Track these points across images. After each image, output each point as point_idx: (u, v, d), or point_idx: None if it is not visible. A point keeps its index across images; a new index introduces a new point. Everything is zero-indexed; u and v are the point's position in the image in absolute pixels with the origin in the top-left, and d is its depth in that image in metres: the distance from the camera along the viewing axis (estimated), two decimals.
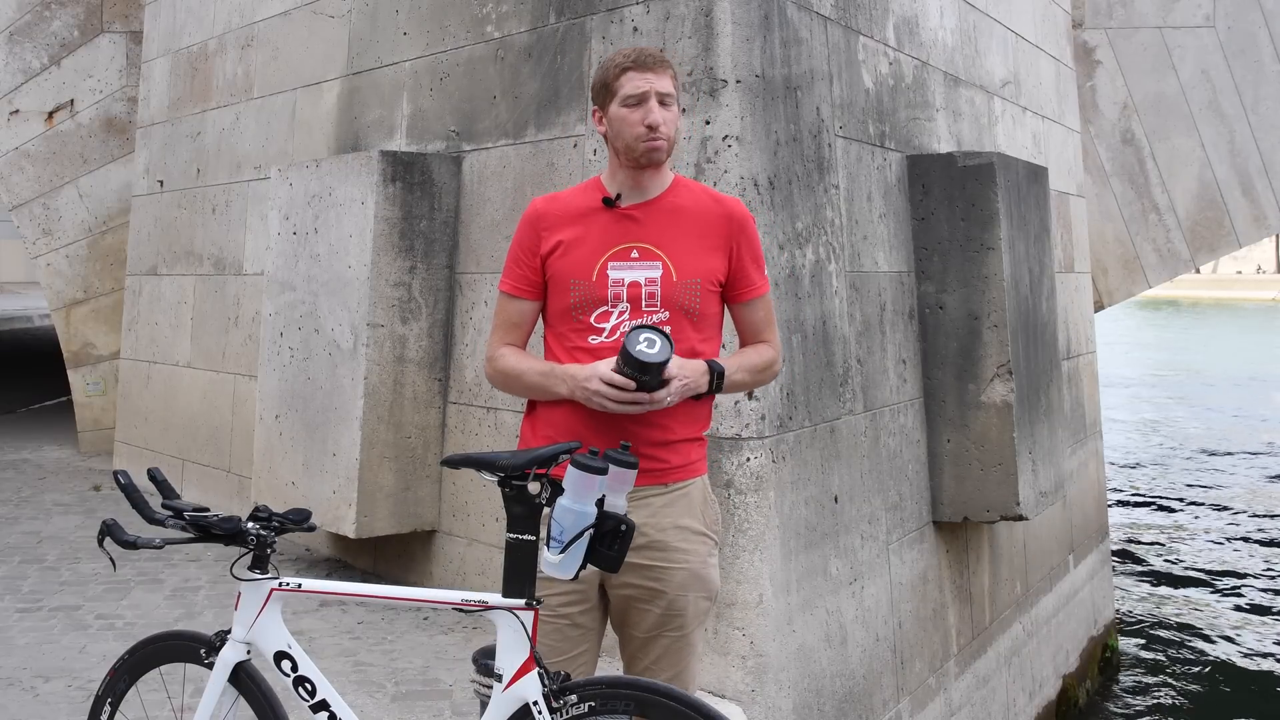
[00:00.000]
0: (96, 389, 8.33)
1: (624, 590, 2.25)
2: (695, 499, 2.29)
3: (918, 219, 4.81)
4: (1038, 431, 4.90)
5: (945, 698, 4.70)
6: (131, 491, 2.17)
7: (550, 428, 2.26)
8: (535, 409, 2.34)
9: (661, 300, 2.22)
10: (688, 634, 2.28)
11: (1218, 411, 19.17)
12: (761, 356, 2.36)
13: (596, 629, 2.31)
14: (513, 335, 2.35)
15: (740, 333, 2.40)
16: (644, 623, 2.27)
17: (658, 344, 2.07)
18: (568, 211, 2.31)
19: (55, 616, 4.43)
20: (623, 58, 2.26)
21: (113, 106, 8.28)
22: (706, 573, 2.29)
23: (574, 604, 2.22)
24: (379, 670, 3.87)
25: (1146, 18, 7.96)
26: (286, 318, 5.00)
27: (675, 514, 2.25)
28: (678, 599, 2.24)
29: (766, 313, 2.39)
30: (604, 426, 2.18)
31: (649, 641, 2.28)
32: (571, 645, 2.23)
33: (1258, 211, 8.01)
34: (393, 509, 4.60)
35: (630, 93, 2.23)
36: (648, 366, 2.06)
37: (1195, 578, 9.47)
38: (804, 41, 4.09)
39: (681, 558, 2.25)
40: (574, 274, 2.24)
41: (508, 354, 2.33)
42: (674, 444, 2.24)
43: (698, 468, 2.32)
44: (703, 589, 2.28)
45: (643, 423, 2.20)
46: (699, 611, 2.29)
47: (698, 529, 2.28)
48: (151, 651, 2.35)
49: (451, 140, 4.82)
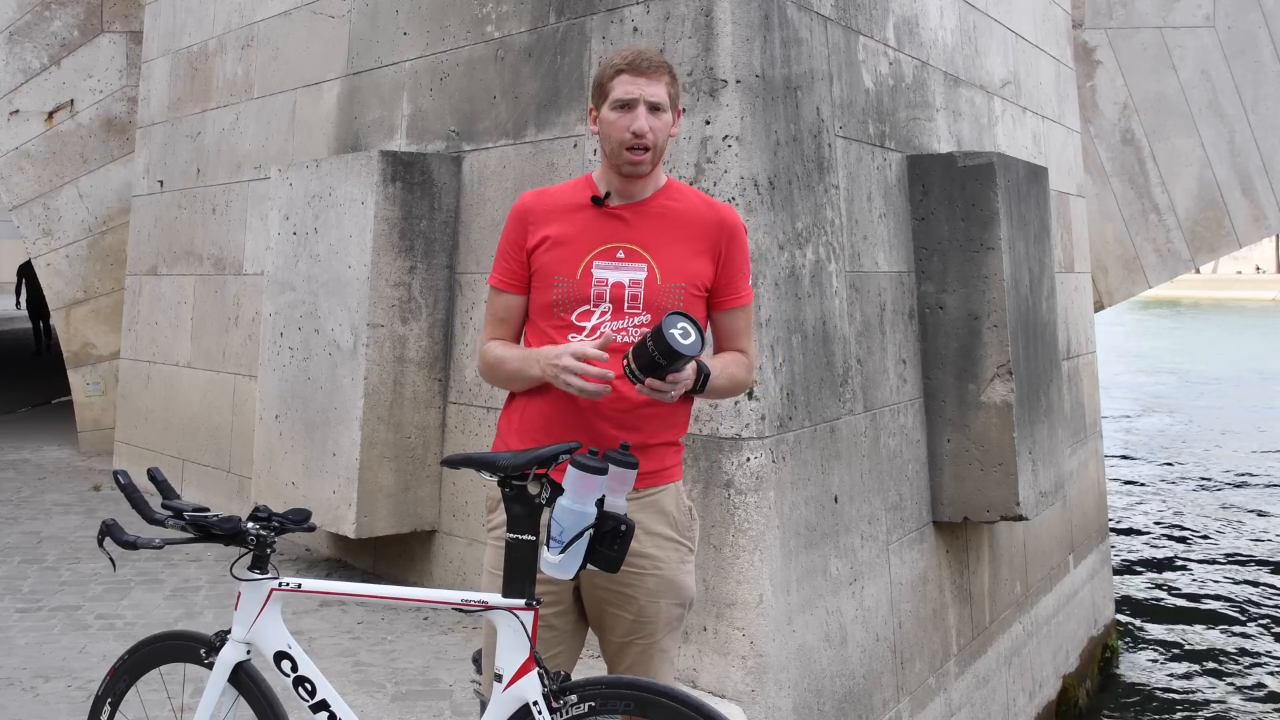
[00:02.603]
0: (96, 389, 8.33)
1: (598, 593, 2.24)
2: (668, 505, 2.26)
3: (918, 219, 4.81)
4: (1038, 431, 4.91)
5: (945, 698, 4.70)
6: (131, 491, 2.17)
7: (525, 423, 2.24)
8: (511, 403, 2.32)
9: (644, 303, 2.19)
10: (658, 640, 2.27)
11: (1217, 411, 19.18)
12: (741, 366, 2.33)
13: (571, 631, 2.29)
14: (501, 330, 2.34)
15: (717, 339, 2.36)
16: (618, 627, 2.25)
17: (692, 336, 2.01)
18: (556, 207, 2.29)
19: (55, 616, 4.43)
20: (620, 59, 2.24)
21: (113, 106, 8.28)
22: (679, 579, 2.26)
23: (548, 605, 2.19)
24: (379, 670, 3.87)
25: (1146, 18, 7.96)
26: (286, 318, 5.00)
27: (647, 520, 2.21)
28: (648, 605, 2.22)
29: (747, 323, 2.36)
30: (578, 426, 2.16)
31: (623, 648, 2.27)
32: (545, 647, 2.20)
33: (1258, 211, 8.02)
34: (393, 509, 4.60)
35: (620, 97, 2.21)
36: (676, 356, 1.99)
37: (1195, 577, 9.47)
38: (804, 41, 4.09)
39: (652, 564, 2.22)
40: (558, 270, 2.22)
41: (493, 345, 2.32)
42: (647, 449, 2.20)
43: (671, 474, 2.29)
44: (675, 595, 2.26)
45: (617, 425, 2.17)
46: (671, 618, 2.27)
47: (669, 535, 2.26)
48: (151, 651, 2.35)
49: (451, 140, 4.82)
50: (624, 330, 2.18)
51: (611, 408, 2.16)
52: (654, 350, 2.00)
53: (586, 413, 2.16)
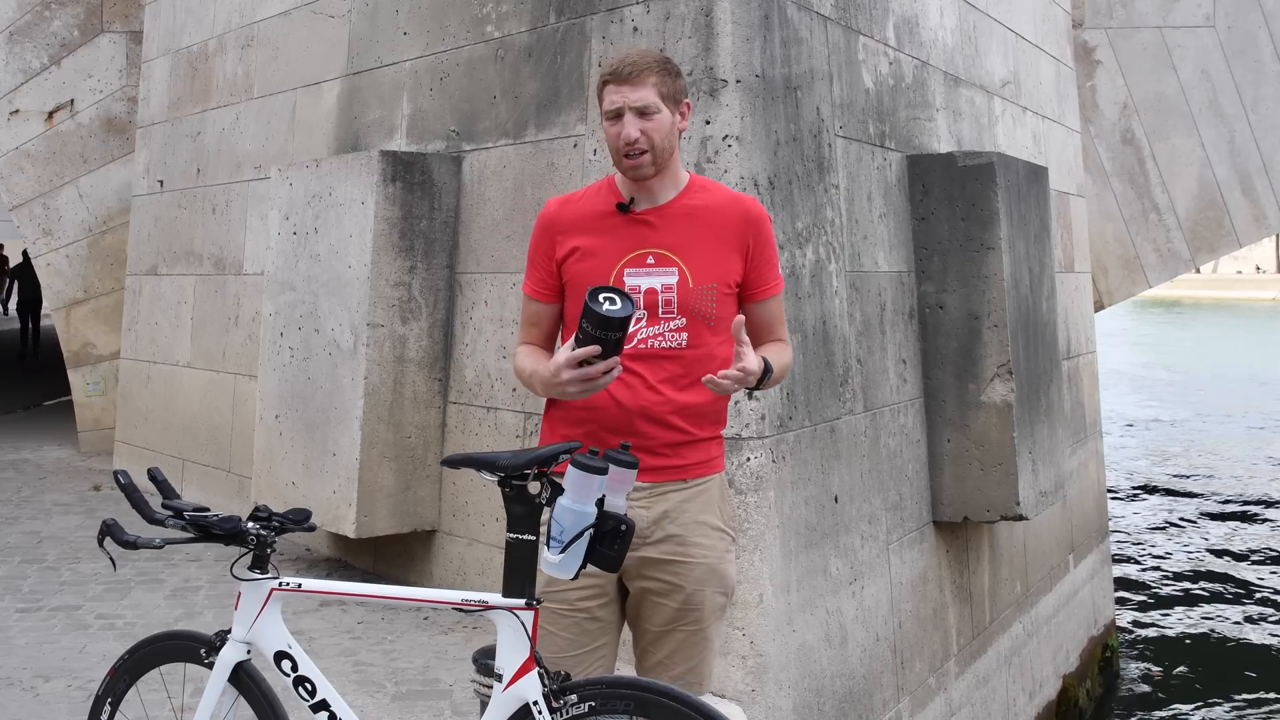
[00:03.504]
0: (96, 389, 8.33)
1: (642, 583, 2.25)
2: (714, 495, 2.30)
3: (918, 219, 4.81)
4: (1038, 431, 4.91)
5: (945, 698, 4.70)
6: (131, 491, 2.17)
7: (567, 426, 2.26)
8: (551, 409, 2.34)
9: (679, 307, 2.21)
10: (704, 628, 2.29)
11: (1218, 409, 19.17)
12: (786, 355, 2.38)
13: (615, 623, 2.31)
14: (532, 334, 2.39)
15: (754, 330, 2.35)
16: (658, 617, 2.27)
17: (619, 301, 2.03)
18: (582, 216, 2.31)
19: (55, 616, 4.43)
20: (607, 68, 2.25)
21: (113, 106, 8.28)
22: (724, 568, 2.29)
23: (593, 598, 2.22)
24: (379, 670, 3.87)
25: (1146, 18, 7.96)
26: (286, 318, 5.00)
27: (695, 509, 2.25)
28: (695, 593, 2.24)
29: (780, 310, 2.40)
30: (621, 426, 2.18)
31: (663, 635, 2.28)
32: (590, 639, 2.24)
33: (1258, 211, 8.01)
34: (393, 509, 4.60)
35: (608, 109, 2.23)
36: (611, 322, 2.01)
37: (1195, 577, 9.47)
38: (804, 41, 4.09)
39: (700, 553, 2.25)
40: (591, 280, 2.22)
41: (522, 353, 2.36)
42: (696, 442, 2.25)
43: (717, 464, 2.33)
44: (720, 584, 2.28)
45: (660, 424, 2.20)
46: (715, 606, 2.29)
47: (716, 524, 2.29)
48: (151, 651, 2.35)
49: (451, 140, 4.82)
50: (660, 335, 2.21)
51: (656, 409, 2.19)
52: (595, 330, 2.02)
53: (629, 413, 2.19)
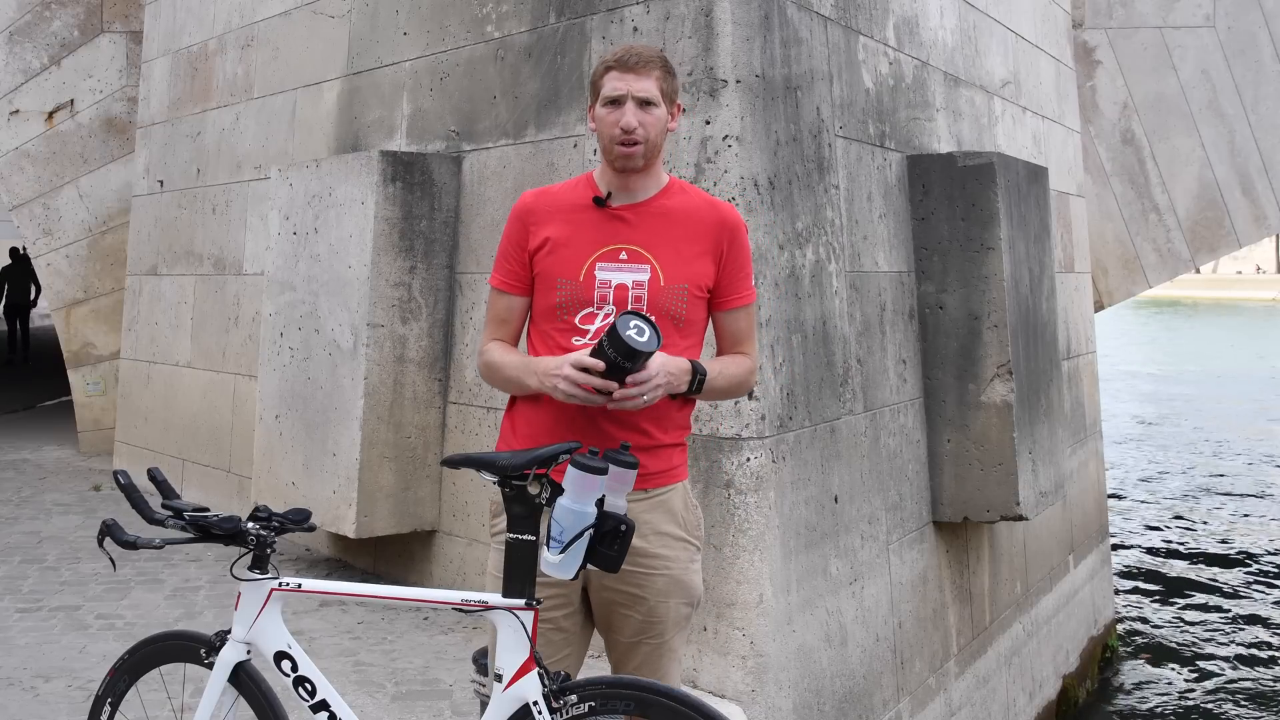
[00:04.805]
0: (96, 389, 8.33)
1: (606, 594, 2.23)
2: (676, 505, 2.26)
3: (918, 219, 4.81)
4: (1038, 431, 4.91)
5: (945, 698, 4.70)
6: (131, 491, 2.17)
7: (530, 425, 2.23)
8: (515, 406, 2.31)
9: (648, 304, 2.18)
10: (667, 640, 2.26)
11: (1218, 411, 19.18)
12: (740, 367, 2.30)
13: (579, 633, 2.28)
14: (502, 331, 2.33)
15: (720, 340, 2.34)
16: (627, 628, 2.25)
17: (647, 333, 2.01)
18: (557, 207, 2.28)
19: (55, 616, 4.43)
20: (611, 56, 2.24)
21: (113, 106, 8.28)
22: (687, 579, 2.26)
23: (558, 607, 2.19)
24: (379, 670, 3.87)
25: (1146, 18, 7.96)
26: (286, 318, 5.00)
27: (656, 520, 2.22)
28: (658, 605, 2.22)
29: (749, 323, 2.33)
30: (583, 428, 2.14)
31: (631, 648, 2.27)
32: (554, 649, 2.20)
33: (1258, 211, 8.01)
34: (393, 509, 4.60)
35: (609, 94, 2.21)
36: (635, 354, 1.99)
37: (1195, 576, 9.47)
38: (804, 41, 4.09)
39: (662, 564, 2.22)
40: (561, 272, 2.21)
41: (493, 348, 2.31)
42: (656, 449, 2.20)
43: (679, 473, 2.28)
44: (683, 595, 2.26)
45: (624, 426, 2.15)
46: (679, 618, 2.27)
47: (678, 535, 2.25)
48: (151, 651, 2.35)
49: (451, 140, 4.82)
50: None
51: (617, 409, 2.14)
52: (611, 351, 2.00)
53: (592, 415, 2.15)
